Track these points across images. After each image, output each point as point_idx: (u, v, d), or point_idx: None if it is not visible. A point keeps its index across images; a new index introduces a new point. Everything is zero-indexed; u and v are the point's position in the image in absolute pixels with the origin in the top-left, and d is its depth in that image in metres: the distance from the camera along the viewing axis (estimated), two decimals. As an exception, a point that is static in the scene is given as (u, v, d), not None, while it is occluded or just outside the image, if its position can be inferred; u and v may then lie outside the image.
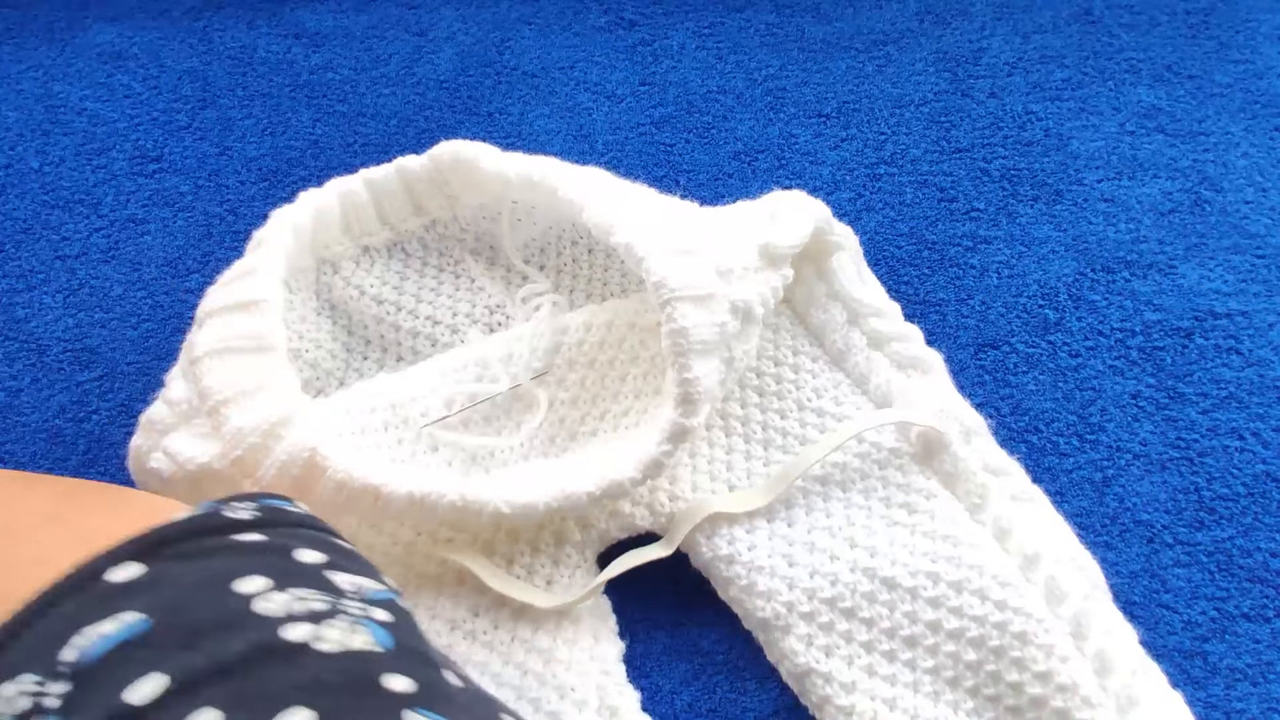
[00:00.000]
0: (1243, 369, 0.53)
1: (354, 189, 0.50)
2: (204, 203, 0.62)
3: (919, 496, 0.46)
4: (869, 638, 0.43)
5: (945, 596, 0.43)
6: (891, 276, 0.58)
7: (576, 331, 0.50)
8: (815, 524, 0.46)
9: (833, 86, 0.68)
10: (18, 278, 0.59)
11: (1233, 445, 0.51)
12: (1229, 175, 0.62)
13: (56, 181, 0.63)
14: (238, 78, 0.69)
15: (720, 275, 0.44)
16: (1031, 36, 0.71)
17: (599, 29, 0.72)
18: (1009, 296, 0.57)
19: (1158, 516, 0.49)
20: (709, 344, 0.42)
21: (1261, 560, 0.47)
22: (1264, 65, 0.69)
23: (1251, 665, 0.44)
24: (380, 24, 0.73)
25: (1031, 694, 0.40)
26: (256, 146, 0.65)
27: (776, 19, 0.73)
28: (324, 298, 0.51)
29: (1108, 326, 0.55)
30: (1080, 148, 0.64)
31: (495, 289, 0.53)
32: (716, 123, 0.66)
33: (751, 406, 0.50)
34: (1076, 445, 0.51)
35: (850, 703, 0.42)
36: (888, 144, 0.65)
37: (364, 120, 0.67)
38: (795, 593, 0.44)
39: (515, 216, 0.53)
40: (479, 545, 0.45)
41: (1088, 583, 0.43)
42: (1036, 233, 0.60)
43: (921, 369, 0.49)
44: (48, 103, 0.68)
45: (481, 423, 0.48)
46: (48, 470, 0.51)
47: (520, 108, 0.67)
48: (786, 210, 0.49)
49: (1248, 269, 0.58)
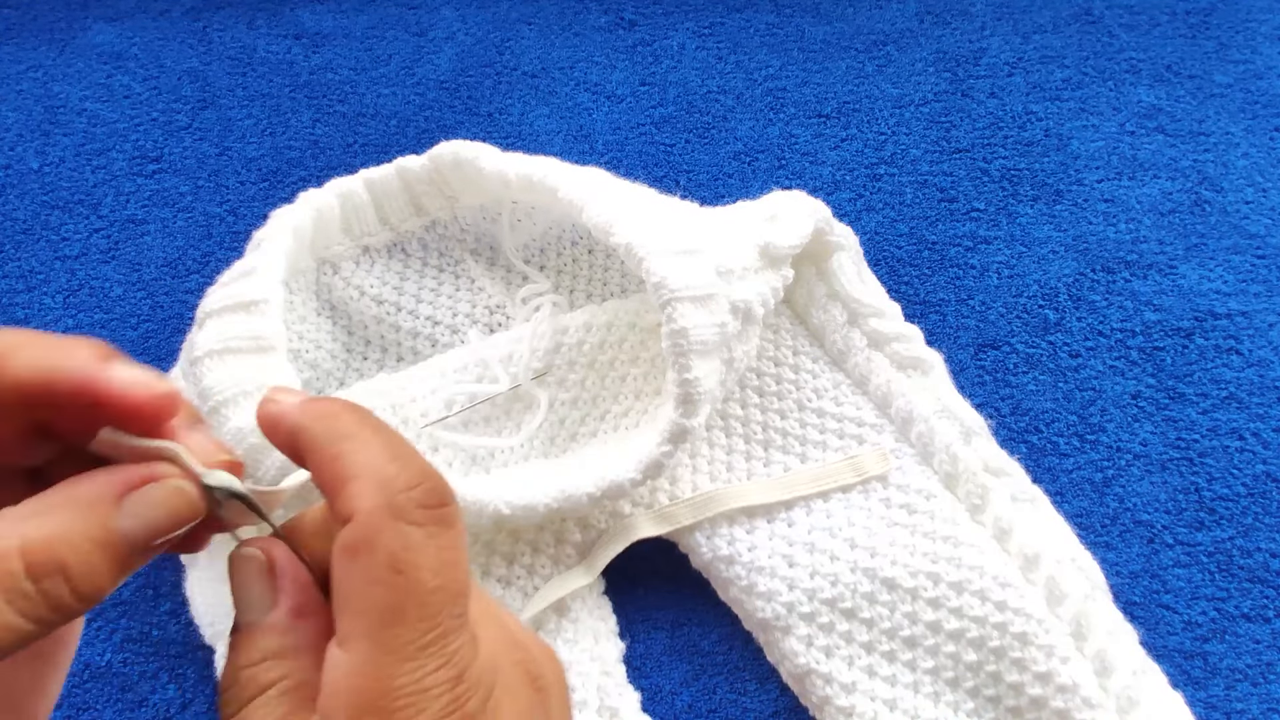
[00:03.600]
0: (1243, 369, 0.53)
1: (354, 189, 0.50)
2: (204, 203, 0.62)
3: (919, 497, 0.46)
4: (869, 638, 0.43)
5: (945, 597, 0.43)
6: (891, 276, 0.58)
7: (576, 331, 0.50)
8: (815, 524, 0.46)
9: (833, 86, 0.68)
10: (18, 278, 0.59)
11: (1233, 445, 0.51)
12: (1229, 175, 0.62)
13: (56, 182, 0.63)
14: (238, 78, 0.69)
15: (720, 275, 0.44)
16: (1031, 36, 0.71)
17: (599, 29, 0.72)
18: (1009, 296, 0.57)
19: (1158, 517, 0.49)
20: (709, 344, 0.42)
21: (1261, 560, 0.47)
22: (1264, 65, 0.69)
23: (1251, 665, 0.44)
24: (380, 24, 0.73)
25: (1032, 694, 0.40)
26: (256, 146, 0.65)
27: (776, 19, 0.73)
28: (324, 298, 0.51)
29: (1108, 326, 0.55)
30: (1080, 148, 0.64)
31: (495, 289, 0.53)
32: (716, 123, 0.66)
33: (751, 406, 0.50)
34: (1076, 445, 0.51)
35: (850, 703, 0.42)
36: (888, 144, 0.65)
37: (364, 120, 0.67)
38: (795, 593, 0.44)
39: (515, 217, 0.53)
40: (479, 545, 0.45)
41: (1088, 583, 0.43)
42: (1036, 233, 0.60)
43: (921, 369, 0.49)
44: (48, 103, 0.68)
45: (481, 423, 0.48)
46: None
47: (520, 108, 0.67)
48: (786, 210, 0.49)
49: (1248, 269, 0.58)
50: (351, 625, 0.20)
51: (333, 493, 0.21)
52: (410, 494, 0.21)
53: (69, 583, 0.19)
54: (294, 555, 0.23)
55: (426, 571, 0.21)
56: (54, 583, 0.19)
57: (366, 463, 0.21)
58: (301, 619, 0.22)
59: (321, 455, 0.22)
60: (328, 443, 0.22)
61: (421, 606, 0.20)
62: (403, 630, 0.20)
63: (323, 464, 0.22)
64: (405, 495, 0.21)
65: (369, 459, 0.21)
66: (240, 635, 0.22)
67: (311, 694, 0.21)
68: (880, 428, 0.48)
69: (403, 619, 0.20)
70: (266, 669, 0.21)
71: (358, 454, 0.21)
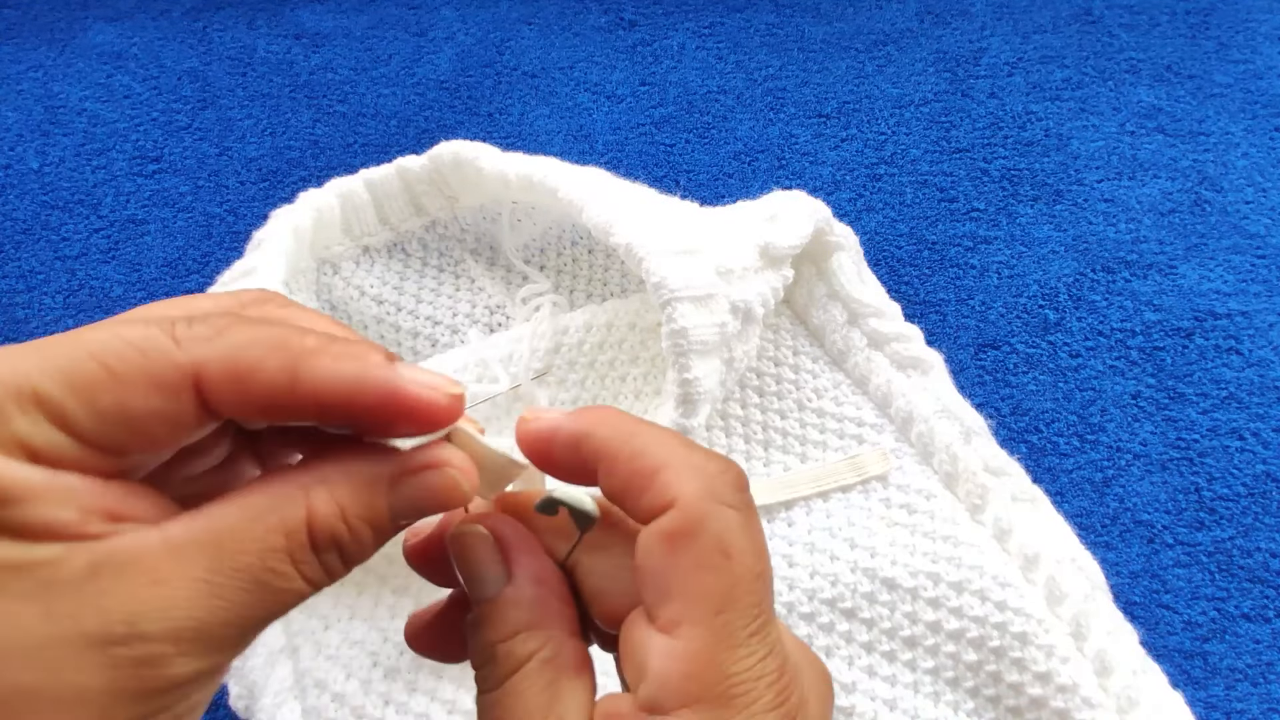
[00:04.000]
0: (1243, 369, 0.53)
1: (354, 189, 0.50)
2: (204, 203, 0.62)
3: (919, 497, 0.46)
4: (869, 638, 0.43)
5: (945, 597, 0.43)
6: (891, 276, 0.58)
7: (576, 331, 0.50)
8: (815, 524, 0.46)
9: (833, 86, 0.68)
10: (18, 278, 0.59)
11: (1233, 445, 0.51)
12: (1229, 175, 0.62)
13: (56, 182, 0.63)
14: (238, 78, 0.69)
15: (720, 275, 0.44)
16: (1031, 36, 0.71)
17: (599, 29, 0.72)
18: (1009, 296, 0.57)
19: (1158, 516, 0.49)
20: (709, 344, 0.42)
21: (1261, 560, 0.47)
22: (1264, 65, 0.69)
23: (1251, 665, 0.44)
24: (380, 24, 0.73)
25: (1032, 694, 0.40)
26: (256, 146, 0.65)
27: (776, 19, 0.73)
28: (324, 298, 0.51)
29: (1108, 326, 0.55)
30: (1080, 148, 0.64)
31: (495, 289, 0.53)
32: (716, 123, 0.66)
33: (751, 406, 0.50)
34: (1076, 445, 0.51)
35: (850, 703, 0.42)
36: (888, 144, 0.65)
37: (364, 120, 0.67)
38: (795, 593, 0.44)
39: (515, 217, 0.53)
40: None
41: (1088, 583, 0.43)
42: (1036, 233, 0.60)
43: (921, 369, 0.49)
44: (48, 103, 0.68)
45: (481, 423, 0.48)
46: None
47: (520, 108, 0.67)
48: (786, 210, 0.49)
49: (1248, 269, 0.58)
50: (681, 611, 0.20)
51: (640, 487, 0.21)
52: (724, 478, 0.21)
53: (341, 554, 0.20)
54: (520, 525, 0.24)
55: (751, 556, 0.21)
56: (330, 556, 0.20)
57: (672, 453, 0.21)
58: (542, 587, 0.23)
59: (620, 454, 0.22)
60: (623, 442, 0.22)
61: (750, 592, 0.21)
62: (735, 615, 0.20)
63: (622, 461, 0.22)
64: (720, 479, 0.21)
65: (672, 450, 0.22)
66: (486, 610, 0.22)
67: (569, 663, 0.21)
68: (880, 428, 0.48)
69: (734, 604, 0.20)
70: (522, 641, 0.22)
71: (659, 447, 0.22)
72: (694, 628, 0.20)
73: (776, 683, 0.20)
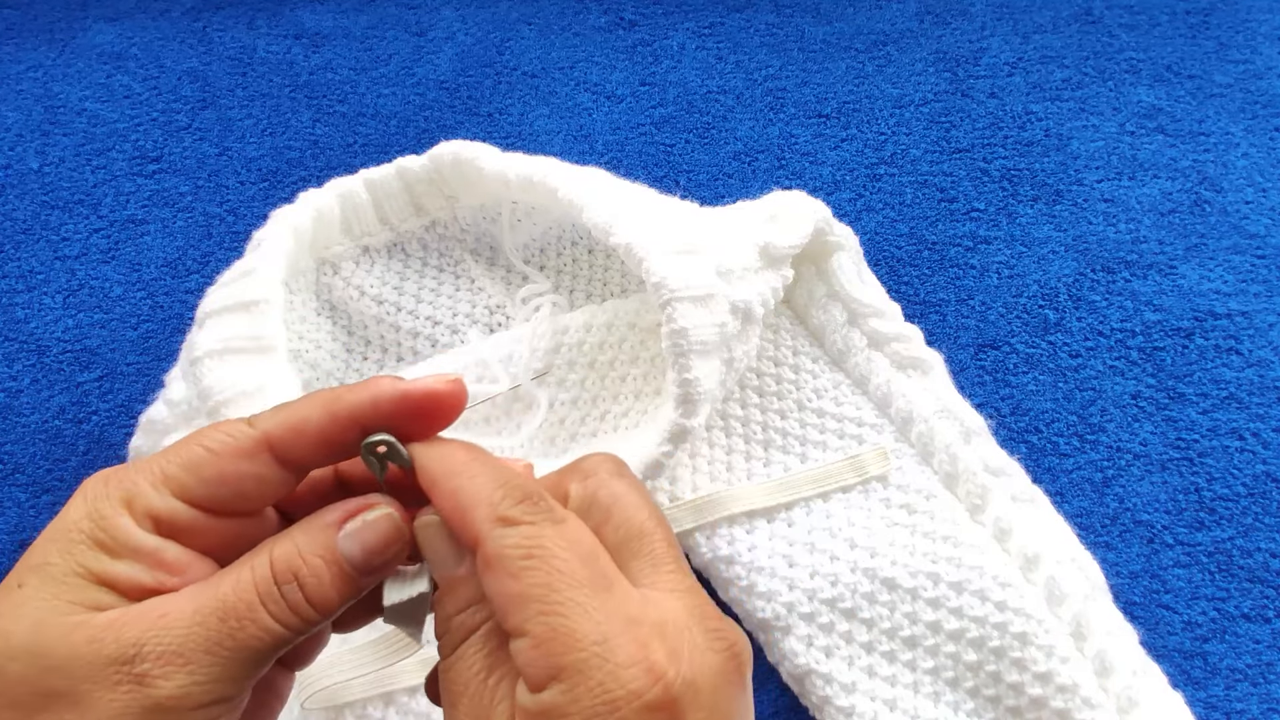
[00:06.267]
0: (1243, 369, 0.53)
1: (354, 189, 0.50)
2: (204, 203, 0.62)
3: (919, 497, 0.46)
4: (869, 638, 0.43)
5: (945, 597, 0.43)
6: (891, 276, 0.58)
7: (576, 332, 0.50)
8: (815, 524, 0.46)
9: (833, 86, 0.68)
10: (18, 278, 0.59)
11: (1233, 445, 0.51)
12: (1229, 175, 0.62)
13: (56, 182, 0.63)
14: (238, 78, 0.69)
15: (720, 275, 0.44)
16: (1031, 36, 0.71)
17: (599, 29, 0.72)
18: (1009, 296, 0.57)
19: (1158, 517, 0.49)
20: (709, 344, 0.42)
21: (1261, 560, 0.47)
22: (1264, 65, 0.69)
23: (1251, 665, 0.44)
24: (380, 24, 0.73)
25: (1032, 695, 0.40)
26: (256, 146, 0.65)
27: (776, 19, 0.73)
28: (324, 298, 0.51)
29: (1108, 326, 0.55)
30: (1080, 148, 0.64)
31: (495, 289, 0.53)
32: (716, 123, 0.66)
33: (751, 406, 0.50)
34: (1076, 445, 0.51)
35: (850, 704, 0.42)
36: (888, 144, 0.65)
37: (364, 120, 0.67)
38: (795, 593, 0.44)
39: (515, 217, 0.53)
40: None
41: (1088, 583, 0.43)
42: (1036, 233, 0.60)
43: (921, 369, 0.49)
44: (48, 103, 0.68)
45: (481, 423, 0.48)
46: (46, 471, 0.51)
47: (520, 108, 0.67)
48: (786, 210, 0.49)
49: (1248, 269, 0.58)
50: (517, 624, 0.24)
51: (457, 530, 0.25)
52: (508, 497, 0.25)
53: (303, 589, 0.24)
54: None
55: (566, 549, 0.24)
56: (291, 589, 0.24)
57: (474, 492, 0.25)
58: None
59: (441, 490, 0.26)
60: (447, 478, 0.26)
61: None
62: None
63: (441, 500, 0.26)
64: (505, 501, 0.25)
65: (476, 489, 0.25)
66: (444, 588, 0.26)
67: (501, 634, 0.24)
68: (880, 428, 0.48)
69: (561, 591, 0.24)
70: (472, 614, 0.25)
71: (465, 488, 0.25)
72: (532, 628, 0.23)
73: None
